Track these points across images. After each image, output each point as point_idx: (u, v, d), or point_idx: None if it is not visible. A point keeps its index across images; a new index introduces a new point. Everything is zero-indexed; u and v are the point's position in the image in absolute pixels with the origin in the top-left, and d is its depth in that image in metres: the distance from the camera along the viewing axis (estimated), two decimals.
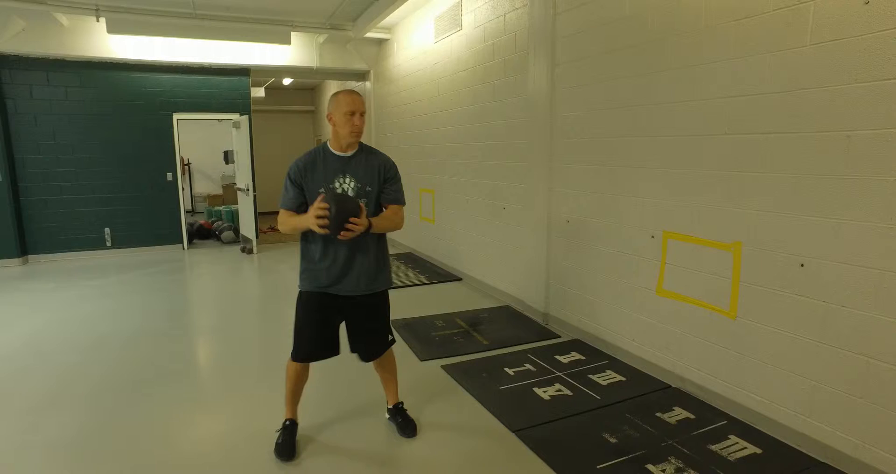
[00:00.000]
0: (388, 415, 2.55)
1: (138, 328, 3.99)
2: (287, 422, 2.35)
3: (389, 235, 2.49)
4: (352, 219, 2.00)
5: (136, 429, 2.53)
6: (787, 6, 2.24)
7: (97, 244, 6.75)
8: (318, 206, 1.99)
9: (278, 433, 2.35)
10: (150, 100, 6.77)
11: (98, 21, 5.59)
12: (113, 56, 6.28)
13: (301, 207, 2.16)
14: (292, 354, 2.32)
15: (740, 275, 2.53)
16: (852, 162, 2.05)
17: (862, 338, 2.06)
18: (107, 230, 6.77)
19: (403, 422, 2.45)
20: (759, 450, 2.28)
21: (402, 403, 2.53)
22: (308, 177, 2.15)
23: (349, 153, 2.21)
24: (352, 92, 2.17)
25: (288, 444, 2.28)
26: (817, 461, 2.20)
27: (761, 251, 2.42)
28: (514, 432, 2.46)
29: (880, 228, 1.98)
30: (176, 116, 6.91)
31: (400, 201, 2.31)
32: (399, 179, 2.33)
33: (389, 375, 2.50)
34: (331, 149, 2.20)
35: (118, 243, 6.84)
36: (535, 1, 3.80)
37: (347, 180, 2.18)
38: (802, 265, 2.25)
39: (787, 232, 2.30)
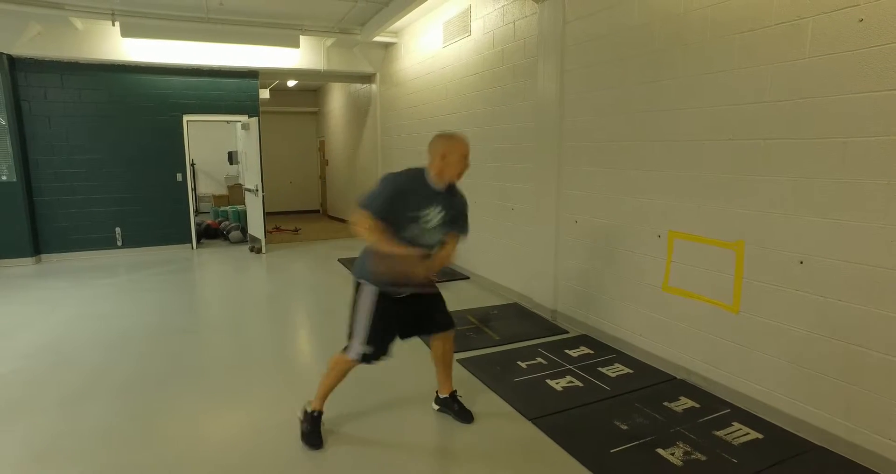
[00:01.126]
0: (437, 406, 2.69)
1: (157, 325, 4.11)
2: (316, 413, 2.46)
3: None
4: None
5: (168, 421, 2.66)
6: (787, 21, 2.40)
7: (108, 243, 6.86)
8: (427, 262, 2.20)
9: (304, 423, 2.44)
10: (160, 101, 6.89)
11: (114, 25, 5.71)
12: (126, 59, 6.39)
13: (386, 219, 2.16)
14: (357, 352, 2.33)
15: (743, 272, 2.69)
16: (848, 166, 2.21)
17: (857, 329, 2.22)
18: (117, 230, 6.88)
19: (461, 409, 2.61)
20: (760, 436, 2.44)
21: (456, 391, 2.67)
22: (404, 196, 2.20)
23: (442, 187, 2.30)
24: (465, 138, 2.29)
25: (317, 433, 2.42)
26: (815, 445, 2.35)
27: (763, 249, 2.58)
28: (530, 420, 2.61)
29: (875, 228, 2.14)
30: (186, 118, 7.03)
31: (465, 232, 2.49)
32: (468, 214, 2.50)
33: (446, 363, 2.62)
34: (426, 177, 2.27)
35: (128, 243, 6.95)
36: (545, 10, 3.95)
37: (437, 210, 2.27)
38: (802, 262, 2.41)
39: (787, 231, 2.46)
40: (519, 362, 3.29)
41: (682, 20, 2.92)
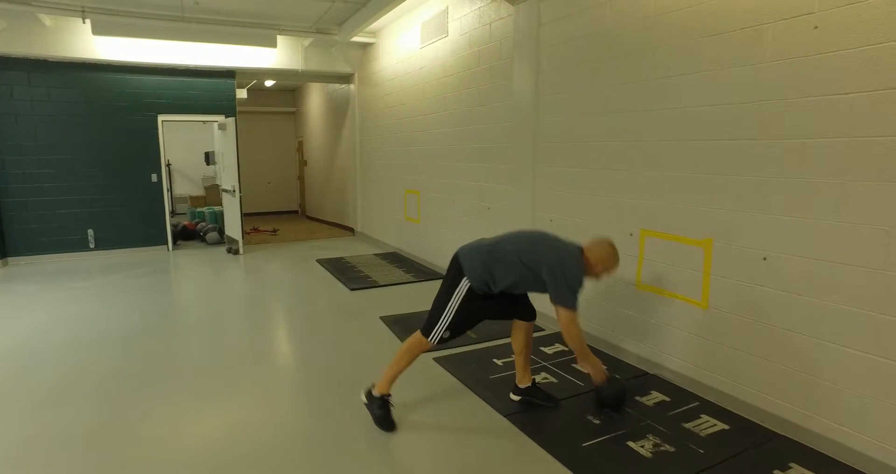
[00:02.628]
0: (518, 396, 2.77)
1: (133, 328, 4.05)
2: (386, 396, 2.56)
3: (375, 236, 2.63)
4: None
5: (145, 424, 2.63)
6: (749, 26, 2.49)
7: (80, 246, 6.71)
8: (607, 372, 2.62)
9: (374, 407, 2.55)
10: (134, 101, 6.77)
11: (84, 22, 5.59)
12: (97, 57, 6.27)
13: None
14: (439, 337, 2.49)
15: (711, 269, 2.77)
16: (807, 167, 2.30)
17: (815, 322, 2.31)
18: (90, 231, 6.74)
19: (546, 396, 2.77)
20: (727, 427, 2.52)
21: (535, 378, 2.87)
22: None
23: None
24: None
25: (389, 416, 2.53)
26: (776, 433, 2.45)
27: (729, 247, 2.66)
28: (505, 416, 2.65)
29: (831, 225, 2.23)
30: (161, 118, 6.92)
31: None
32: None
33: (527, 352, 2.76)
34: (582, 262, 2.43)
35: (101, 245, 6.81)
36: (521, 12, 4.01)
37: None
38: (765, 258, 2.50)
39: (751, 229, 2.55)
40: (495, 360, 3.33)
41: (651, 24, 3.00)
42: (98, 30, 5.66)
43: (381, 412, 2.54)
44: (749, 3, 2.49)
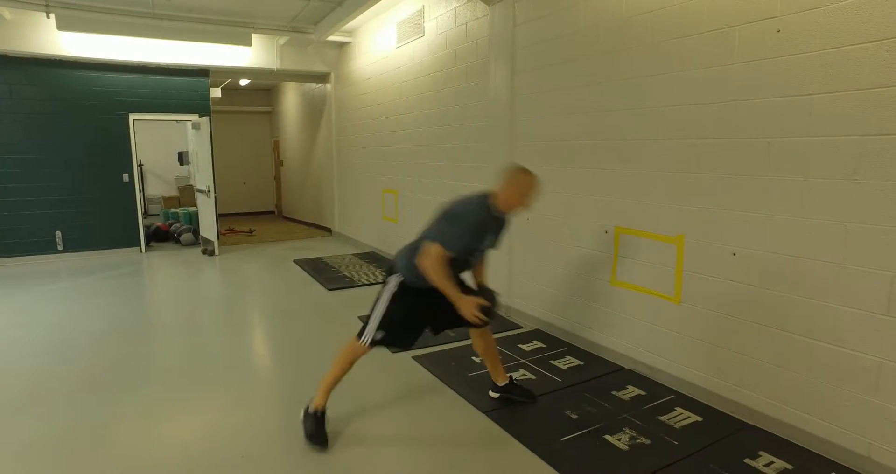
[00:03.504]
0: (497, 394, 2.77)
1: (102, 331, 3.95)
2: (319, 412, 2.39)
3: (354, 236, 2.60)
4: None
5: (114, 429, 2.57)
6: (717, 29, 2.57)
7: (47, 248, 6.51)
8: (482, 304, 2.29)
9: (306, 423, 2.39)
10: (104, 99, 6.60)
11: (48, 17, 5.42)
12: (63, 53, 6.09)
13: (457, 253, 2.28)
14: (370, 338, 2.38)
15: (683, 265, 2.84)
16: (772, 164, 2.38)
17: (782, 315, 2.39)
18: (58, 233, 6.54)
19: (524, 391, 2.77)
20: (700, 418, 2.59)
21: (512, 376, 2.84)
22: (481, 233, 2.34)
23: (502, 214, 2.39)
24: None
25: (322, 432, 2.36)
26: (746, 424, 2.53)
27: (700, 243, 2.74)
28: (484, 413, 2.67)
29: (794, 221, 2.31)
30: (132, 117, 6.76)
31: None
32: None
33: (492, 353, 2.75)
34: (493, 207, 2.34)
35: (71, 247, 6.62)
36: (496, 12, 4.04)
37: (493, 237, 2.44)
38: (734, 254, 2.58)
39: (721, 225, 2.62)
40: (473, 358, 3.35)
41: (625, 25, 3.06)
42: (63, 25, 5.50)
43: (313, 428, 2.37)
44: (716, 7, 2.56)
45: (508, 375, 2.83)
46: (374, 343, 2.40)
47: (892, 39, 1.98)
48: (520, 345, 3.57)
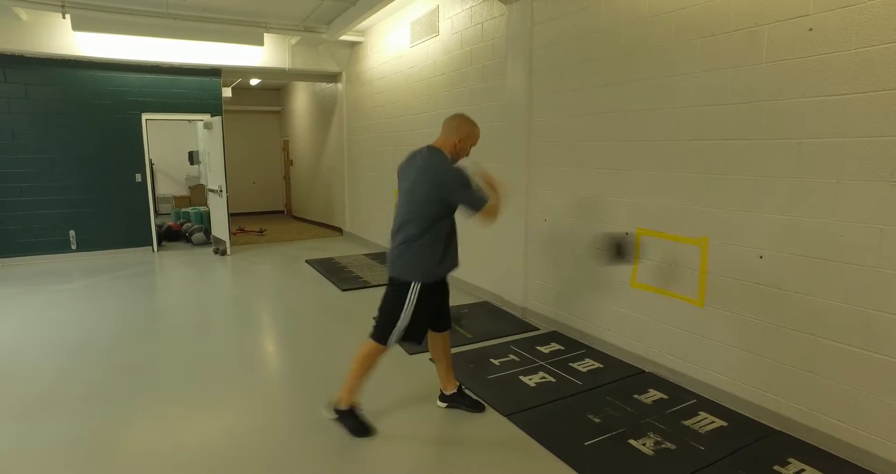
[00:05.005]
0: (445, 403, 2.73)
1: (118, 331, 3.95)
2: (351, 408, 2.47)
3: (364, 236, 2.57)
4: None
5: (134, 431, 2.57)
6: (745, 28, 2.52)
7: (61, 247, 6.54)
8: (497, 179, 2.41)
9: (344, 422, 2.45)
10: (117, 99, 6.62)
11: (64, 18, 5.44)
12: (77, 53, 6.11)
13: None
14: (395, 340, 2.43)
15: (707, 267, 2.80)
16: (803, 166, 2.34)
17: (812, 319, 2.35)
18: (72, 233, 6.57)
19: (472, 401, 2.72)
20: (725, 423, 2.55)
21: (462, 384, 2.77)
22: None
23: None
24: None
25: (362, 423, 2.46)
26: (773, 429, 2.48)
27: (725, 245, 2.70)
28: (506, 416, 2.64)
29: (825, 224, 2.27)
30: (145, 116, 6.78)
31: None
32: None
33: (448, 359, 2.71)
34: (447, 156, 2.43)
35: (84, 246, 6.65)
36: (513, 11, 4.01)
37: None
38: (761, 257, 2.53)
39: (747, 227, 2.58)
40: (492, 359, 3.32)
41: (647, 24, 3.02)
42: (78, 25, 5.52)
43: (353, 423, 2.45)
44: (744, 5, 2.52)
45: (458, 384, 2.74)
46: (395, 342, 2.45)
47: None
48: (538, 347, 3.53)
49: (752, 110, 2.52)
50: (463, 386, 2.76)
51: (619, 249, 2.61)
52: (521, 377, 3.08)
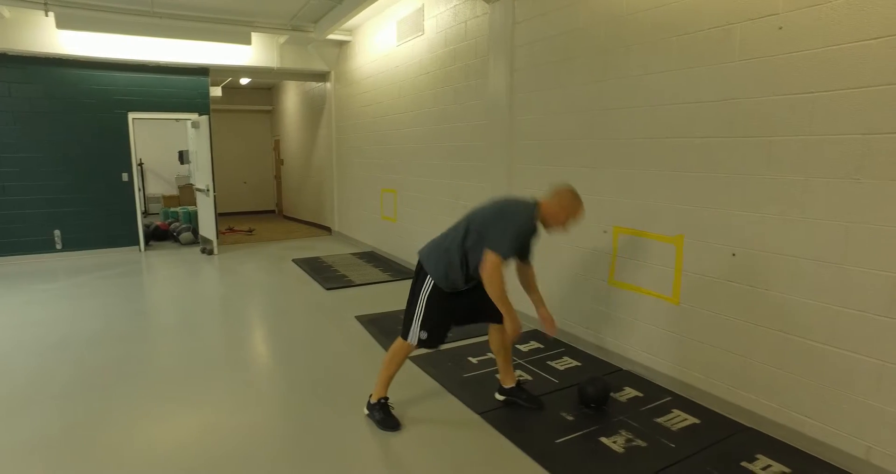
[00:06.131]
0: (503, 397, 2.74)
1: (100, 330, 3.93)
2: (382, 400, 2.56)
3: (353, 235, 2.59)
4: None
5: (111, 431, 2.54)
6: (719, 26, 2.53)
7: (46, 247, 6.50)
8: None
9: (374, 413, 2.55)
10: (103, 98, 6.58)
11: (47, 15, 5.41)
12: (62, 52, 6.08)
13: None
14: (416, 338, 2.48)
15: (682, 265, 2.81)
16: (773, 163, 2.35)
17: (781, 317, 2.36)
18: (57, 232, 6.53)
19: (530, 397, 2.71)
20: (697, 421, 2.55)
21: (521, 379, 2.84)
22: (524, 241, 2.45)
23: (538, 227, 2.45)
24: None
25: (390, 416, 2.53)
26: (745, 426, 2.49)
27: (700, 243, 2.70)
28: (479, 414, 2.64)
29: (794, 221, 2.28)
30: (132, 115, 6.74)
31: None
32: None
33: (507, 353, 2.72)
34: (535, 217, 2.37)
35: (69, 246, 6.61)
36: (496, 10, 4.01)
37: (528, 247, 2.55)
38: (734, 254, 2.54)
39: (721, 225, 2.59)
40: (470, 358, 3.32)
41: (624, 22, 3.02)
42: (62, 23, 5.49)
43: (382, 415, 2.53)
44: (717, 4, 2.52)
45: (518, 378, 2.79)
46: (420, 343, 2.48)
47: (894, 36, 1.94)
48: (517, 346, 3.53)
49: (725, 108, 2.53)
50: (522, 381, 2.81)
51: (594, 395, 2.61)
52: (498, 375, 3.07)
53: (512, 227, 2.28)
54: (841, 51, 2.09)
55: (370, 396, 2.60)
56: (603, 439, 2.40)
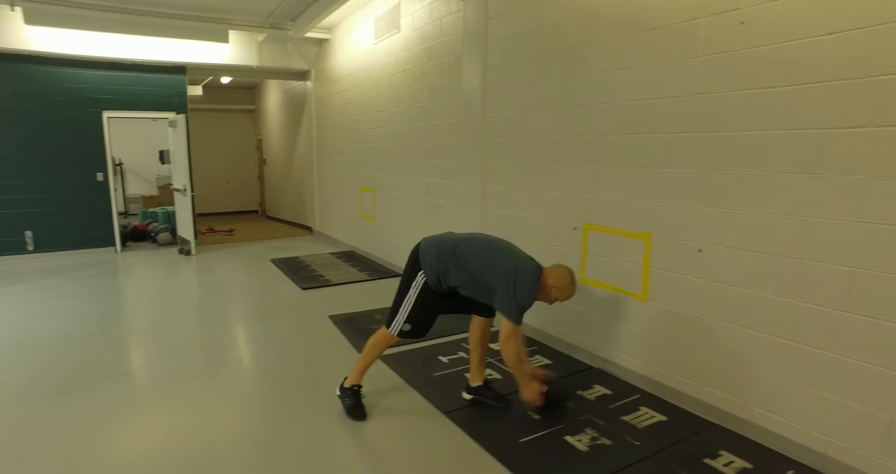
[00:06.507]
0: (470, 395, 2.72)
1: (63, 333, 3.83)
2: (356, 387, 2.59)
3: (333, 234, 2.58)
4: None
5: (71, 431, 2.48)
6: (683, 21, 2.52)
7: (16, 248, 6.36)
8: (541, 391, 2.43)
9: (345, 398, 2.58)
10: (75, 96, 6.45)
11: (13, 10, 5.29)
12: (31, 48, 5.93)
13: None
14: (398, 330, 2.51)
15: (650, 262, 2.79)
16: (737, 159, 2.34)
17: (745, 312, 2.35)
18: (28, 233, 6.39)
19: (497, 396, 2.69)
20: (664, 418, 2.54)
21: (489, 378, 2.82)
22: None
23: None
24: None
25: (360, 405, 2.57)
26: (710, 422, 2.48)
27: (667, 239, 2.69)
28: (445, 413, 2.60)
29: (757, 217, 2.27)
30: (106, 114, 6.62)
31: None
32: None
33: (483, 350, 2.72)
34: (538, 280, 2.38)
35: (42, 247, 6.47)
36: (469, 6, 3.98)
37: None
38: (700, 250, 2.53)
39: (687, 221, 2.58)
40: (440, 357, 3.28)
41: (594, 17, 3.00)
42: (31, 19, 5.38)
43: (351, 402, 2.56)
44: None
45: (486, 377, 2.76)
46: (402, 334, 2.51)
47: (851, 31, 1.94)
48: (488, 345, 3.49)
49: (690, 104, 2.51)
50: (490, 380, 2.79)
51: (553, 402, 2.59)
52: (467, 374, 3.02)
53: (523, 295, 2.30)
54: (799, 46, 2.08)
55: (345, 379, 2.61)
56: (568, 438, 2.37)
